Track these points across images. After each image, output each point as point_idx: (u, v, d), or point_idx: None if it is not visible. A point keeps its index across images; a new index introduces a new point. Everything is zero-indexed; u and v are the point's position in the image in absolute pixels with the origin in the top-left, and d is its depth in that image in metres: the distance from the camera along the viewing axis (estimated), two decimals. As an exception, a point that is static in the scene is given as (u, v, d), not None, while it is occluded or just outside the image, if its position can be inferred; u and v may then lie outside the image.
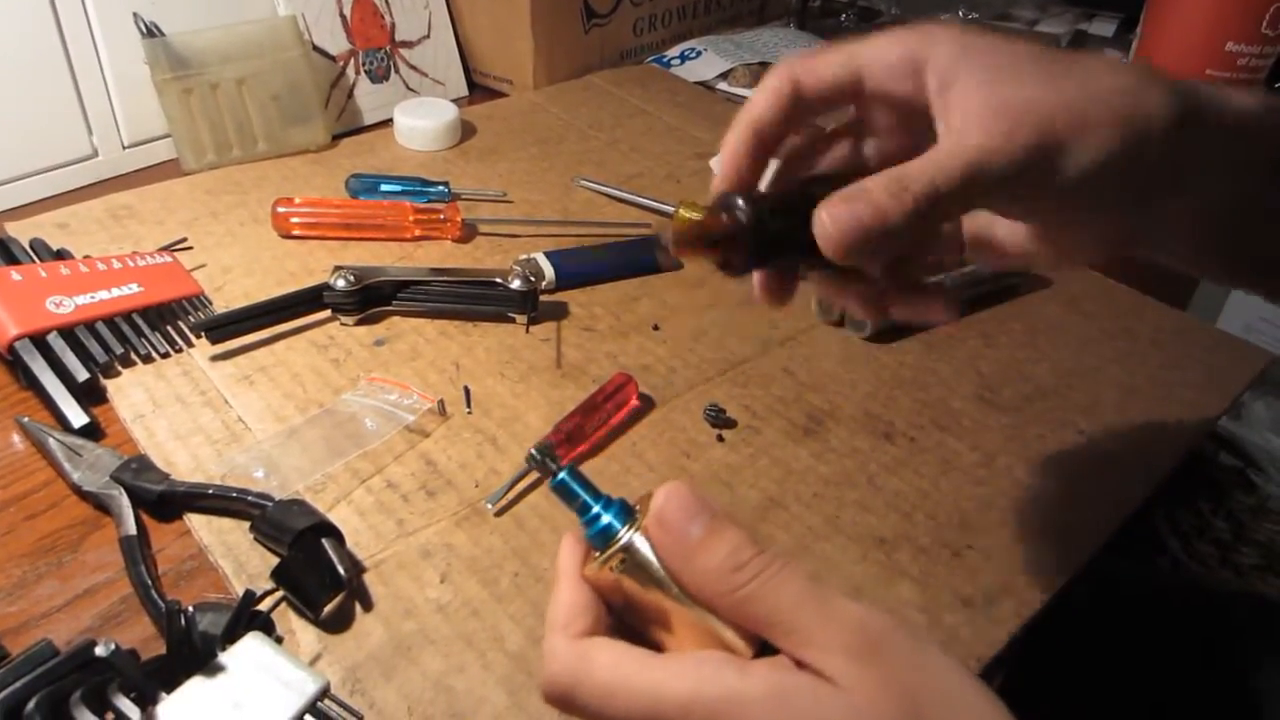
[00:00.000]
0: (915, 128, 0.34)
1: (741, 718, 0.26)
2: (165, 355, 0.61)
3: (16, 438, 0.55)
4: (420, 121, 0.88)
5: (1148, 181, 0.33)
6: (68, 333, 0.58)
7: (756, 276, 0.37)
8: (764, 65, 1.11)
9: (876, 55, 0.34)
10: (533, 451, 0.33)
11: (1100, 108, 0.31)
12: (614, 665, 0.29)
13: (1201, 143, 0.33)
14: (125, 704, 0.36)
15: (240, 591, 0.45)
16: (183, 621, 0.40)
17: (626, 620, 0.31)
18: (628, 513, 0.31)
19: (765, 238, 0.33)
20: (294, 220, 0.73)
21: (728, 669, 0.28)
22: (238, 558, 0.48)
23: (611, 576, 0.30)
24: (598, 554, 0.31)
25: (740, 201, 0.33)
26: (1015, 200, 0.34)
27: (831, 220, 0.32)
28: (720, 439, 0.57)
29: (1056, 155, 0.31)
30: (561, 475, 0.32)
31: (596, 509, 0.31)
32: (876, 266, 0.36)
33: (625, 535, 0.30)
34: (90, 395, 0.57)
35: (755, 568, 0.29)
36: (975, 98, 0.32)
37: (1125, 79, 0.32)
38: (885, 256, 0.34)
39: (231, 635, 0.40)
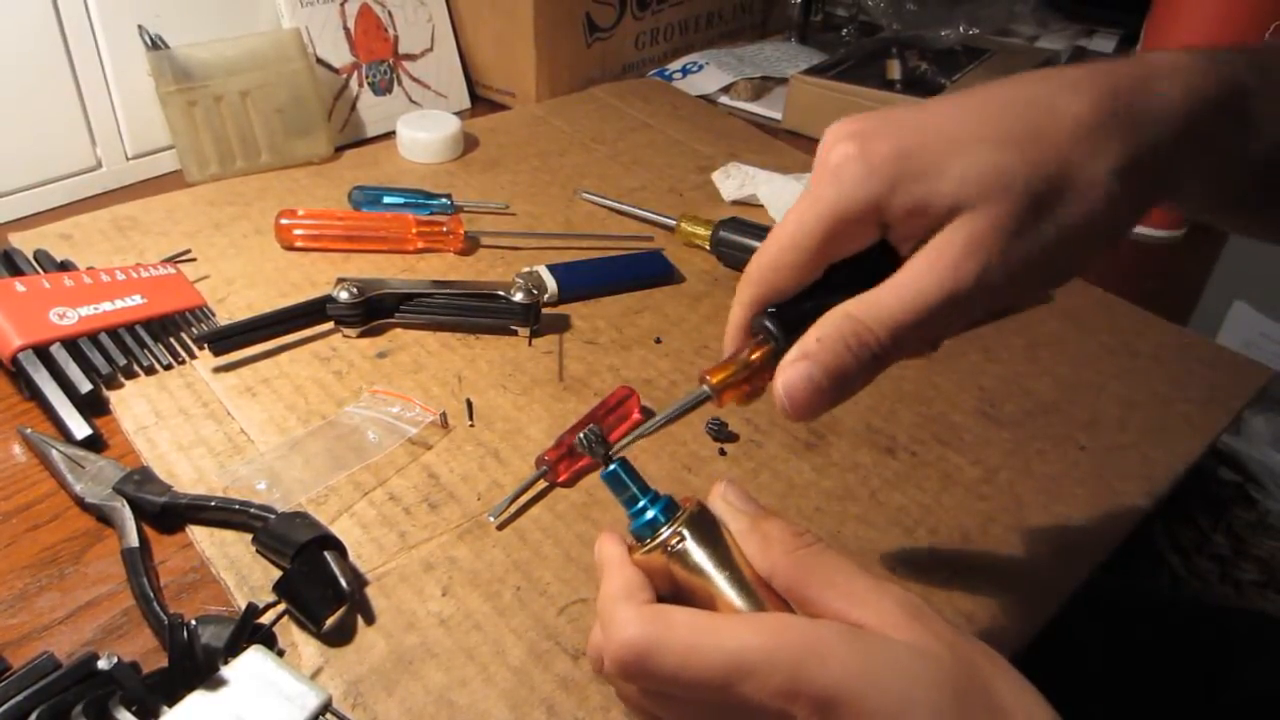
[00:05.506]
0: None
1: (823, 663, 0.27)
2: (168, 367, 0.61)
3: (19, 449, 0.55)
4: (423, 134, 0.88)
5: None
6: (71, 344, 0.58)
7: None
8: (765, 79, 1.11)
9: (839, 210, 0.32)
10: (581, 437, 0.34)
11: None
12: (693, 623, 0.29)
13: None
14: (127, 717, 0.36)
15: (242, 604, 0.45)
16: (185, 634, 0.40)
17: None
18: (673, 508, 0.33)
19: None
20: (297, 232, 0.73)
21: (803, 620, 0.29)
22: (240, 570, 0.48)
23: (661, 560, 0.32)
24: (643, 543, 0.33)
25: (768, 324, 0.32)
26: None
27: (786, 391, 0.31)
28: (722, 453, 0.57)
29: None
30: (614, 466, 0.34)
31: (644, 502, 0.34)
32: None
33: (671, 528, 0.32)
34: (93, 407, 0.57)
35: (812, 538, 0.32)
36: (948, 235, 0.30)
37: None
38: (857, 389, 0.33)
39: (233, 648, 0.40)
